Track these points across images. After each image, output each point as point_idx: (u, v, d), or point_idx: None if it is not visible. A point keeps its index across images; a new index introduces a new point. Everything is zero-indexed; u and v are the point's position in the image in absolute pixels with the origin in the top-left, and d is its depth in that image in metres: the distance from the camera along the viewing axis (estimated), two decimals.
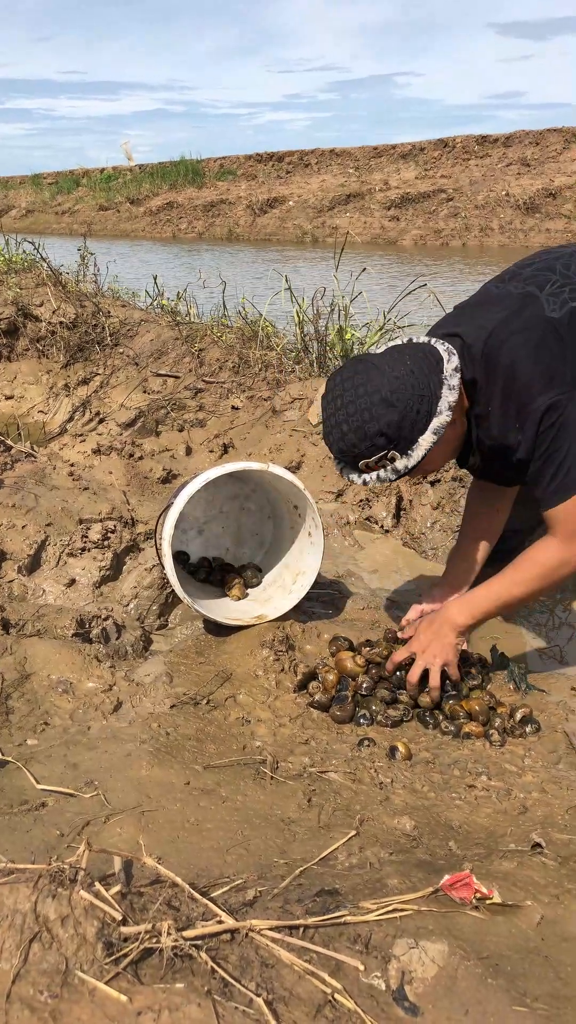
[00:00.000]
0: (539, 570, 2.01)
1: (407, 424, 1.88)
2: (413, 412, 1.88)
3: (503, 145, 17.79)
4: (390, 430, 1.87)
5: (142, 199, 21.86)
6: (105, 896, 1.06)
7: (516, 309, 2.00)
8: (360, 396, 1.88)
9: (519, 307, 2.00)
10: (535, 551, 2.03)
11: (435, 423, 1.90)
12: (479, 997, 1.06)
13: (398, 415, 1.87)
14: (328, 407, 1.96)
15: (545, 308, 1.98)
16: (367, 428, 1.88)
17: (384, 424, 1.87)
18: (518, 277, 2.10)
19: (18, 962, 0.96)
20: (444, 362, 1.93)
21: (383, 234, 16.27)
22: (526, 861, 1.45)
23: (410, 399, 1.87)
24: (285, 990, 1.02)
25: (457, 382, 1.92)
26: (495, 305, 2.05)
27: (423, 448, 1.91)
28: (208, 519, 2.87)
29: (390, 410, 1.86)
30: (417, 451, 1.91)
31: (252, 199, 19.21)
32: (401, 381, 1.88)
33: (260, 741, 1.97)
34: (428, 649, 2.12)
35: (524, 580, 2.03)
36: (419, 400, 1.88)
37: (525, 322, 1.96)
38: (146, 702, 2.08)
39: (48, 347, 5.27)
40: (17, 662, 2.14)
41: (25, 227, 21.33)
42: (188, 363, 4.70)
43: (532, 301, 2.00)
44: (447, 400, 1.90)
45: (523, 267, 2.15)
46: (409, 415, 1.87)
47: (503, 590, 2.07)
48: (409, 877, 1.36)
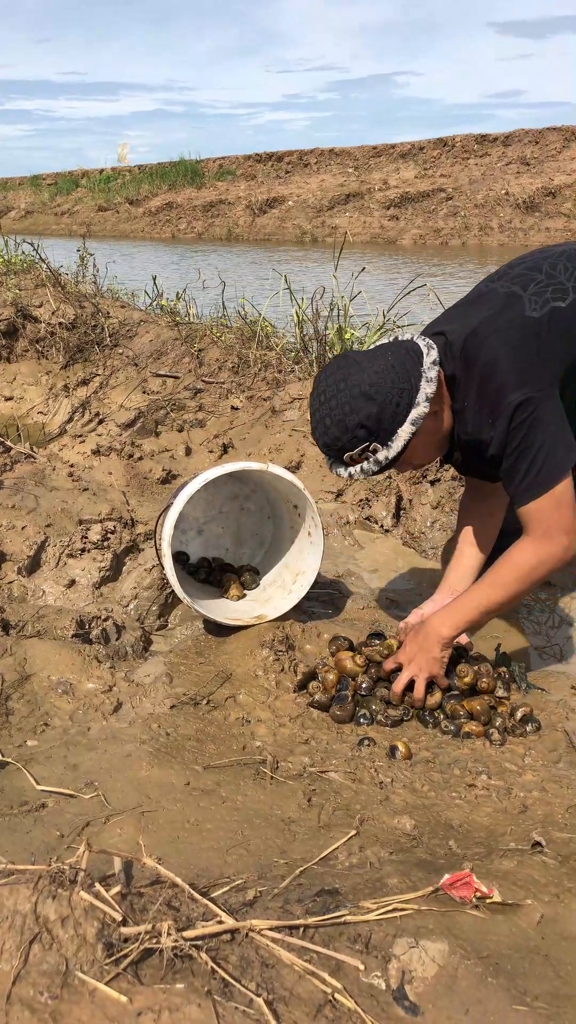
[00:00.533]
0: (517, 572, 2.02)
1: (387, 416, 1.93)
2: (392, 404, 1.93)
3: (502, 144, 17.79)
4: (369, 422, 1.93)
5: (141, 200, 21.88)
6: (105, 897, 1.06)
7: (499, 309, 2.04)
8: (341, 391, 1.95)
9: (502, 306, 2.04)
10: (511, 553, 2.04)
11: (413, 414, 1.95)
12: (479, 996, 1.06)
13: (377, 407, 1.92)
14: (313, 403, 2.02)
15: (526, 308, 2.01)
16: (347, 421, 1.94)
17: (364, 416, 1.93)
18: (506, 276, 2.14)
19: (18, 963, 0.96)
20: (424, 356, 1.99)
21: (383, 233, 16.28)
22: (526, 860, 1.45)
23: (389, 392, 1.93)
24: (285, 990, 1.02)
25: (435, 375, 1.97)
26: (481, 304, 2.10)
27: (402, 439, 1.96)
28: (208, 519, 2.87)
29: (369, 403, 1.92)
30: (396, 442, 1.96)
31: (251, 199, 19.22)
32: (380, 375, 1.94)
33: (260, 741, 1.97)
34: (414, 661, 2.13)
35: (503, 583, 2.04)
36: (399, 393, 1.94)
37: (506, 321, 2.00)
38: (146, 703, 2.08)
39: (47, 348, 5.27)
40: (17, 663, 2.15)
41: (24, 228, 21.34)
42: (187, 363, 4.70)
43: (515, 301, 2.04)
44: (424, 392, 1.95)
45: (513, 266, 2.18)
46: (388, 407, 1.93)
47: (483, 597, 2.07)
48: (409, 876, 1.36)
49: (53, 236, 18.87)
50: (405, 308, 4.39)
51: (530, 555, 2.00)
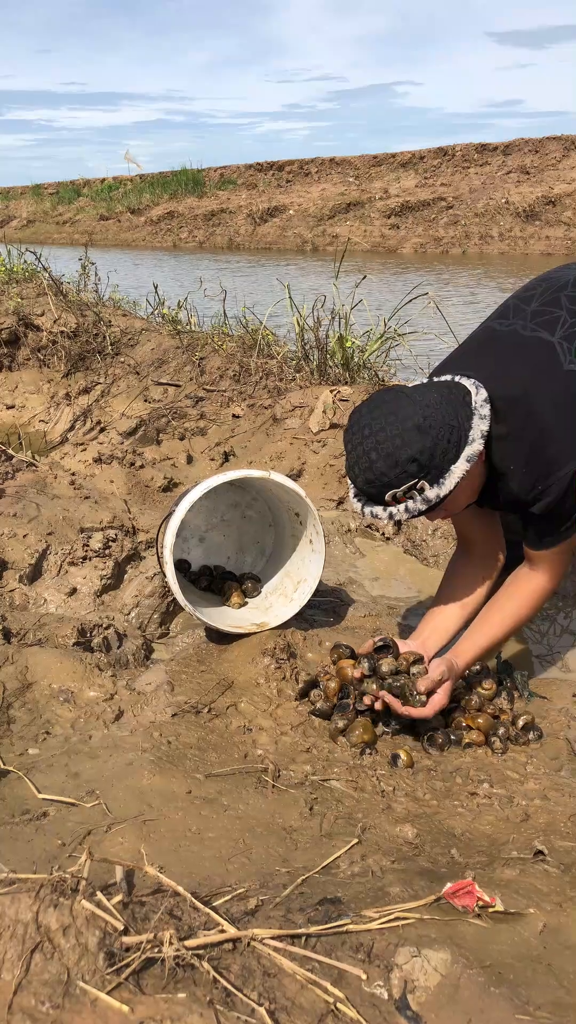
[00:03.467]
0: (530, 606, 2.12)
1: (439, 452, 1.83)
2: (444, 441, 1.83)
3: (503, 153, 17.86)
4: (423, 457, 1.81)
5: (143, 209, 21.96)
6: (107, 906, 1.06)
7: (536, 365, 1.96)
8: (391, 424, 1.83)
9: (536, 359, 1.97)
10: (523, 588, 2.12)
11: (468, 451, 1.86)
12: (482, 1006, 1.06)
13: (431, 441, 1.81)
14: (354, 437, 1.88)
15: (563, 360, 1.94)
16: (399, 455, 1.81)
17: (416, 451, 1.81)
18: (523, 314, 2.05)
19: (20, 972, 0.96)
20: (472, 395, 1.91)
21: (383, 242, 16.33)
22: (528, 869, 1.45)
23: (442, 427, 1.83)
24: (287, 999, 1.01)
25: (488, 412, 1.89)
26: (509, 353, 2.01)
27: (456, 476, 1.86)
28: (209, 527, 2.87)
29: (423, 436, 1.81)
30: (449, 480, 1.86)
31: (252, 208, 19.28)
32: (432, 409, 1.84)
33: (262, 749, 1.97)
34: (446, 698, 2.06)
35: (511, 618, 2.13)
36: (449, 430, 1.84)
37: (549, 382, 1.94)
38: (147, 711, 2.08)
39: (49, 357, 5.29)
40: (18, 671, 2.15)
41: (26, 237, 21.42)
42: (189, 372, 4.71)
43: (548, 352, 1.95)
44: (479, 429, 1.87)
45: (526, 300, 2.09)
46: (441, 443, 1.83)
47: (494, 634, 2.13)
48: (411, 885, 1.35)
49: (55, 245, 18.94)
50: (406, 317, 4.40)
51: (543, 590, 2.10)
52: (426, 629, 2.24)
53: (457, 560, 2.33)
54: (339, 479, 3.51)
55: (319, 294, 4.58)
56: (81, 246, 7.37)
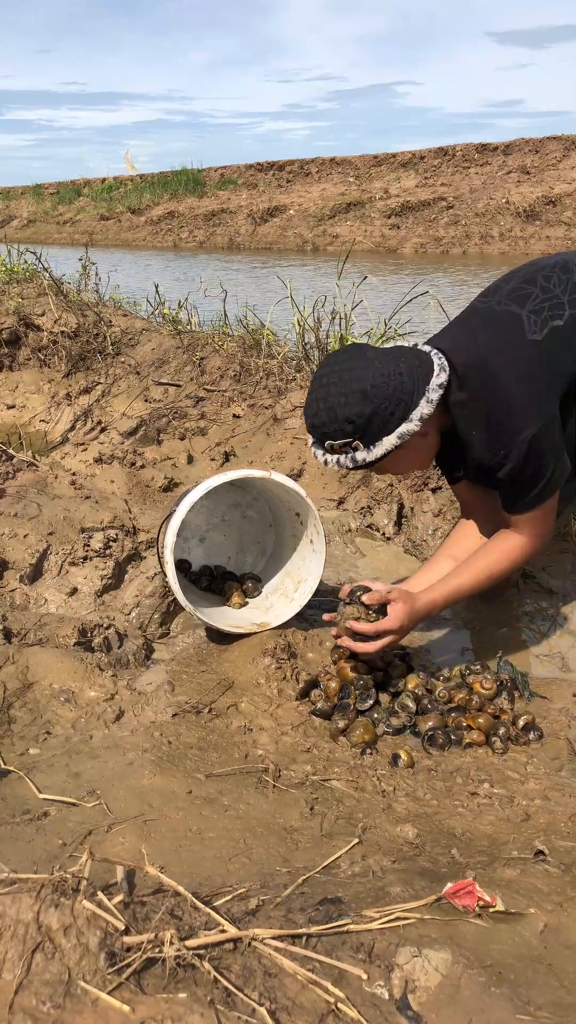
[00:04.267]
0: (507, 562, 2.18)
1: (377, 421, 1.96)
2: (386, 412, 1.95)
3: (503, 153, 17.84)
4: (359, 421, 1.95)
5: (143, 209, 21.95)
6: (108, 906, 1.06)
7: (501, 333, 2.05)
8: (343, 381, 1.96)
9: (503, 330, 2.05)
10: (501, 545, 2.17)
11: (402, 428, 1.98)
12: (482, 1006, 1.06)
13: (371, 409, 1.94)
14: (314, 382, 2.03)
15: (527, 330, 2.02)
16: (338, 412, 1.96)
17: (354, 414, 1.95)
18: (500, 292, 2.14)
19: (21, 972, 0.96)
20: (433, 376, 2.01)
21: (383, 242, 16.32)
22: (529, 869, 1.45)
23: (388, 399, 1.95)
24: (288, 999, 1.01)
25: (437, 397, 2.00)
26: (481, 325, 2.11)
27: (383, 448, 1.99)
28: (210, 527, 2.87)
29: (365, 403, 1.94)
30: (377, 449, 2.00)
31: (253, 208, 19.27)
32: (386, 379, 1.95)
33: (262, 749, 1.97)
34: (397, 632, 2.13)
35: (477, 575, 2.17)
36: (396, 402, 1.96)
37: (512, 350, 2.02)
38: (148, 711, 2.08)
39: (50, 356, 5.29)
40: (19, 671, 2.15)
41: (26, 237, 21.42)
42: (189, 372, 4.71)
43: (515, 322, 2.05)
44: (421, 411, 1.99)
45: (507, 280, 2.19)
46: (381, 413, 1.95)
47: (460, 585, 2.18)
48: (412, 885, 1.35)
49: (55, 245, 18.95)
50: (407, 317, 4.40)
51: (522, 550, 2.15)
52: (415, 581, 2.33)
53: (460, 524, 2.44)
54: (339, 479, 3.51)
55: (320, 294, 4.58)
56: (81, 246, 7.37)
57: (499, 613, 2.68)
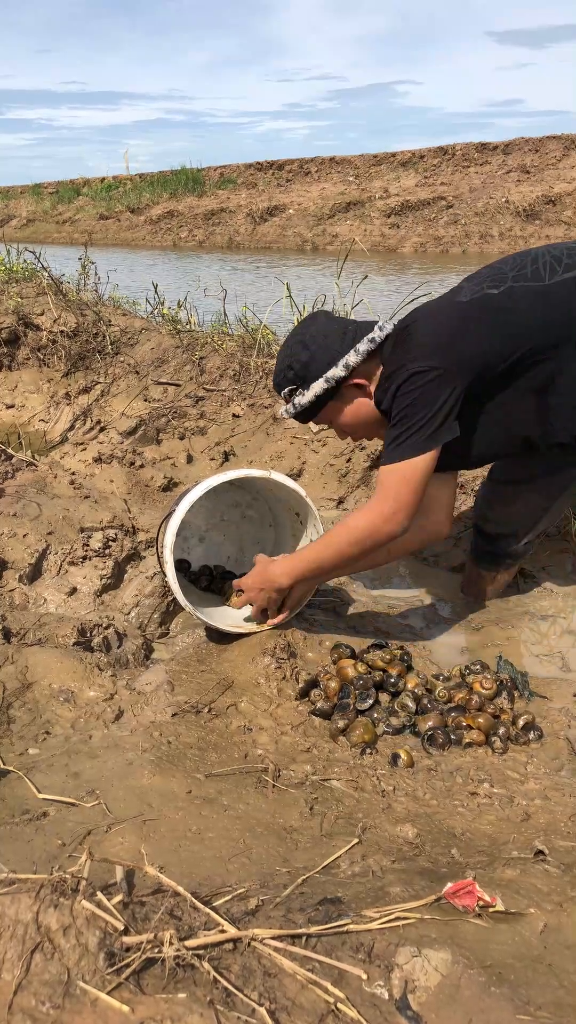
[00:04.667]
0: (348, 534, 2.13)
1: (313, 367, 2.13)
2: (322, 361, 2.12)
3: (503, 152, 17.83)
4: (297, 367, 2.15)
5: (142, 208, 21.94)
6: (107, 906, 1.06)
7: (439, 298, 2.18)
8: (294, 336, 2.20)
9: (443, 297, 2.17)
10: (347, 516, 2.17)
11: (329, 372, 2.12)
12: (482, 1006, 1.05)
13: (307, 356, 2.13)
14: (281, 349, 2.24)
15: (459, 295, 2.10)
16: (284, 362, 2.19)
17: (293, 360, 2.16)
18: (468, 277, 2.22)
19: (20, 972, 0.96)
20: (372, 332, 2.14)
21: (383, 241, 16.31)
22: (529, 869, 1.45)
23: (323, 349, 2.12)
24: (288, 999, 1.01)
25: (364, 347, 2.12)
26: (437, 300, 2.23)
27: (315, 390, 2.15)
28: (210, 527, 2.87)
29: (303, 350, 2.14)
30: (310, 392, 2.16)
31: (252, 207, 19.26)
32: (325, 334, 2.15)
33: (262, 749, 1.97)
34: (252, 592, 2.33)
35: (335, 543, 2.16)
36: (331, 352, 2.12)
37: (435, 306, 2.15)
38: (147, 711, 2.08)
39: (49, 356, 5.29)
40: (18, 671, 2.14)
41: (26, 237, 21.41)
42: (189, 371, 4.71)
43: (455, 292, 2.14)
44: (347, 358, 2.12)
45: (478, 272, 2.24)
46: (316, 360, 2.13)
47: (317, 553, 2.21)
48: (412, 885, 1.35)
49: (54, 244, 18.93)
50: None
51: (362, 518, 2.11)
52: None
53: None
54: (339, 479, 3.50)
55: (319, 293, 4.58)
56: (80, 245, 7.36)
57: (499, 613, 2.68)
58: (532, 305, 2.01)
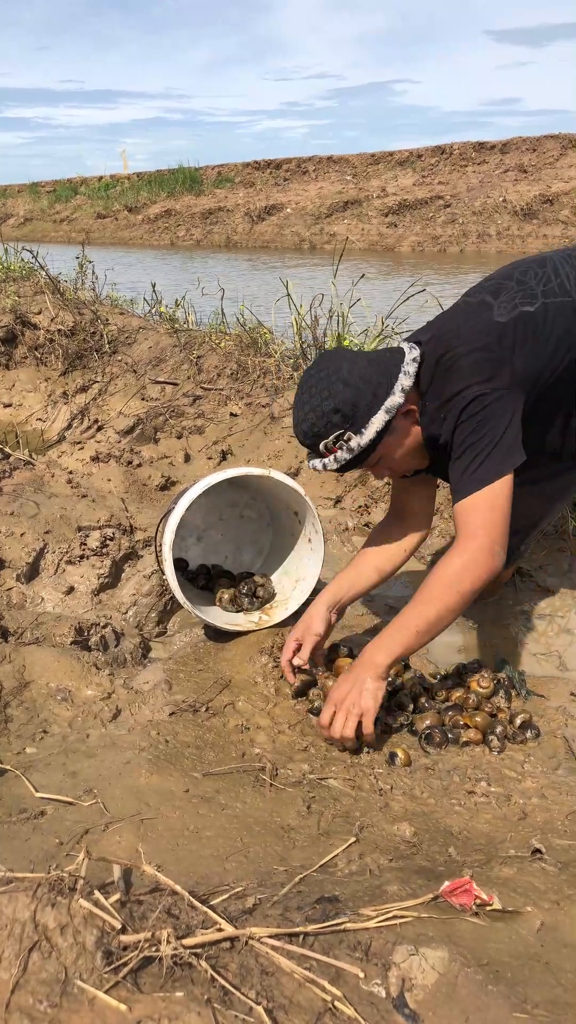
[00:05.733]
0: (444, 581, 1.90)
1: (362, 403, 1.94)
2: (369, 394, 1.95)
3: (500, 152, 17.84)
4: (345, 407, 1.94)
5: (140, 207, 21.93)
6: (104, 904, 1.06)
7: (467, 316, 2.07)
8: (322, 379, 1.97)
9: (470, 314, 2.07)
10: (437, 566, 1.94)
11: (387, 402, 1.96)
12: (479, 1004, 1.06)
13: (352, 392, 1.94)
14: (297, 396, 2.03)
15: (495, 313, 2.03)
16: (324, 406, 1.95)
17: (339, 402, 1.94)
18: (481, 288, 2.16)
19: (17, 971, 0.96)
20: (405, 354, 2.03)
21: (381, 241, 16.31)
22: (526, 867, 1.45)
23: (367, 381, 1.96)
24: (285, 998, 1.01)
25: (413, 369, 2.00)
26: (454, 315, 2.13)
27: (376, 426, 1.96)
28: (208, 526, 2.87)
29: (345, 388, 1.94)
30: (369, 429, 1.96)
31: (250, 206, 19.26)
32: (360, 366, 1.98)
33: (259, 748, 1.97)
34: (347, 699, 1.95)
35: (433, 599, 1.90)
36: (376, 384, 1.96)
37: (472, 325, 2.03)
38: (145, 710, 2.08)
39: (46, 355, 5.28)
40: (16, 670, 2.14)
41: (23, 235, 21.38)
42: (186, 370, 4.71)
43: (485, 308, 2.06)
44: (401, 384, 1.98)
45: (490, 279, 2.19)
46: (365, 395, 1.95)
47: (416, 615, 1.92)
48: (409, 884, 1.35)
49: (52, 243, 18.90)
50: (404, 315, 4.40)
51: (455, 560, 1.89)
52: (343, 586, 2.28)
53: (384, 525, 2.38)
54: (336, 478, 3.50)
55: (317, 292, 4.58)
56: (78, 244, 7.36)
57: (496, 612, 2.68)
58: (569, 321, 2.03)
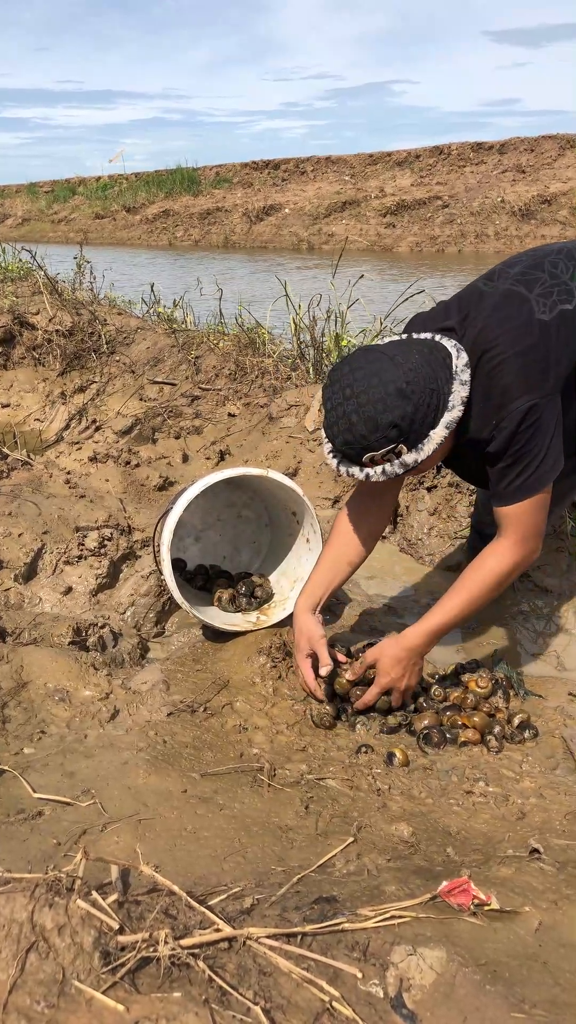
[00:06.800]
0: (494, 578, 2.02)
1: (419, 417, 1.84)
2: (425, 406, 1.84)
3: (498, 152, 17.85)
4: (404, 423, 1.82)
5: (138, 207, 21.93)
6: (102, 905, 1.06)
7: (508, 310, 2.00)
8: (373, 387, 1.82)
9: (510, 308, 2.00)
10: (489, 559, 2.02)
11: (447, 418, 1.88)
12: (477, 1004, 1.05)
13: (412, 407, 1.82)
14: (334, 397, 1.88)
15: (535, 310, 1.98)
16: (380, 419, 1.81)
17: (398, 416, 1.81)
18: (506, 276, 2.09)
19: (15, 972, 0.96)
20: (453, 358, 1.92)
21: (379, 241, 16.32)
22: (524, 867, 1.45)
23: (423, 392, 1.84)
24: (283, 998, 1.01)
25: (468, 377, 1.91)
26: (486, 306, 2.03)
27: (435, 442, 1.87)
28: (205, 527, 2.87)
29: (405, 402, 1.81)
30: (428, 445, 1.87)
31: (248, 207, 19.26)
32: (415, 373, 1.84)
33: (257, 748, 1.97)
34: (404, 680, 2.11)
35: (475, 590, 2.03)
36: (430, 394, 1.85)
37: (516, 324, 1.96)
38: (143, 710, 2.08)
39: (44, 355, 5.28)
40: (13, 670, 2.14)
41: (21, 236, 21.35)
42: (184, 370, 4.71)
43: (523, 302, 2.00)
44: (460, 395, 1.89)
45: (511, 265, 2.14)
46: (421, 408, 1.84)
47: (454, 604, 2.05)
48: (407, 884, 1.35)
49: (50, 243, 18.88)
50: (402, 316, 4.40)
51: (508, 560, 2.00)
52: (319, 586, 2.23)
53: (351, 512, 2.28)
54: (335, 478, 3.50)
55: (315, 292, 4.58)
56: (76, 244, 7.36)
57: (494, 612, 2.68)
58: None
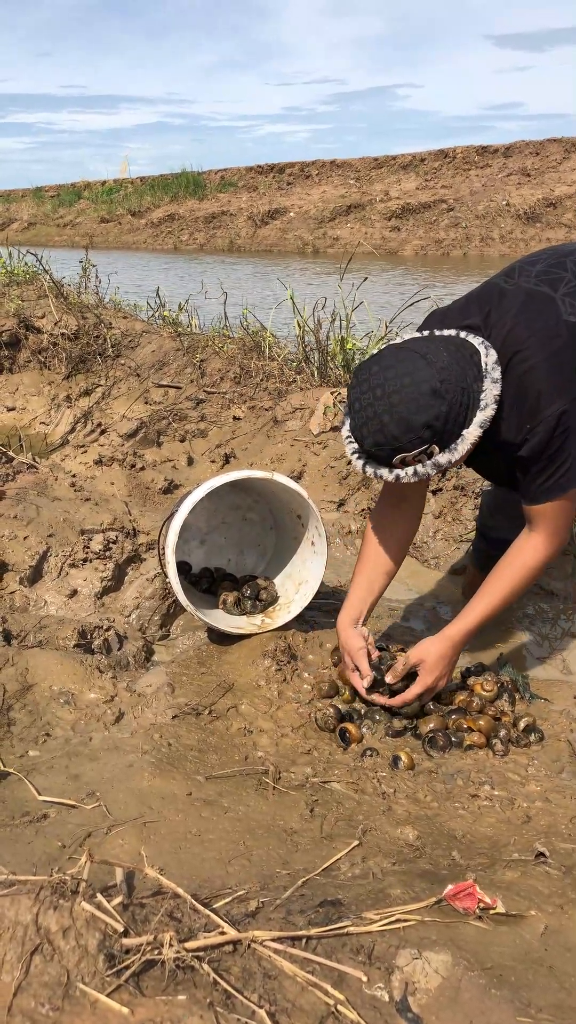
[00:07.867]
0: (527, 573, 2.05)
1: (453, 417, 1.80)
2: (458, 405, 1.81)
3: (503, 155, 17.85)
4: (438, 423, 1.78)
5: (143, 211, 21.97)
6: (107, 907, 1.06)
7: (534, 310, 1.96)
8: (406, 386, 1.77)
9: (536, 308, 1.97)
10: (520, 555, 2.05)
11: (480, 417, 1.84)
12: (483, 1008, 1.05)
13: (447, 407, 1.78)
14: (364, 397, 1.83)
15: (562, 311, 1.95)
16: (413, 420, 1.77)
17: (432, 416, 1.77)
18: (528, 274, 2.05)
19: (20, 974, 0.96)
20: (482, 356, 1.89)
21: (384, 244, 16.32)
22: (530, 871, 1.45)
23: (456, 392, 1.80)
24: (288, 1001, 1.01)
25: (499, 375, 1.87)
26: (511, 304, 1.99)
27: (468, 442, 1.84)
28: (210, 529, 2.87)
29: (439, 401, 1.77)
30: (462, 445, 1.84)
31: (253, 210, 19.29)
32: (448, 371, 1.80)
33: (262, 751, 1.97)
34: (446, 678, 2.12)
35: (509, 585, 2.06)
36: (462, 392, 1.82)
37: (544, 325, 1.93)
38: (148, 713, 2.08)
39: (50, 359, 5.29)
40: (19, 673, 2.14)
41: (27, 240, 21.42)
42: (189, 374, 4.71)
43: (549, 303, 1.96)
44: (492, 393, 1.85)
45: (532, 263, 2.11)
46: (455, 408, 1.80)
47: (490, 599, 2.08)
48: (412, 887, 1.35)
49: (55, 247, 18.94)
50: (407, 320, 4.40)
51: (540, 555, 2.03)
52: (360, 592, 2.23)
53: (378, 521, 2.26)
54: (340, 481, 3.50)
55: (320, 296, 4.58)
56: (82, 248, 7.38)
57: (500, 615, 2.67)
58: None
